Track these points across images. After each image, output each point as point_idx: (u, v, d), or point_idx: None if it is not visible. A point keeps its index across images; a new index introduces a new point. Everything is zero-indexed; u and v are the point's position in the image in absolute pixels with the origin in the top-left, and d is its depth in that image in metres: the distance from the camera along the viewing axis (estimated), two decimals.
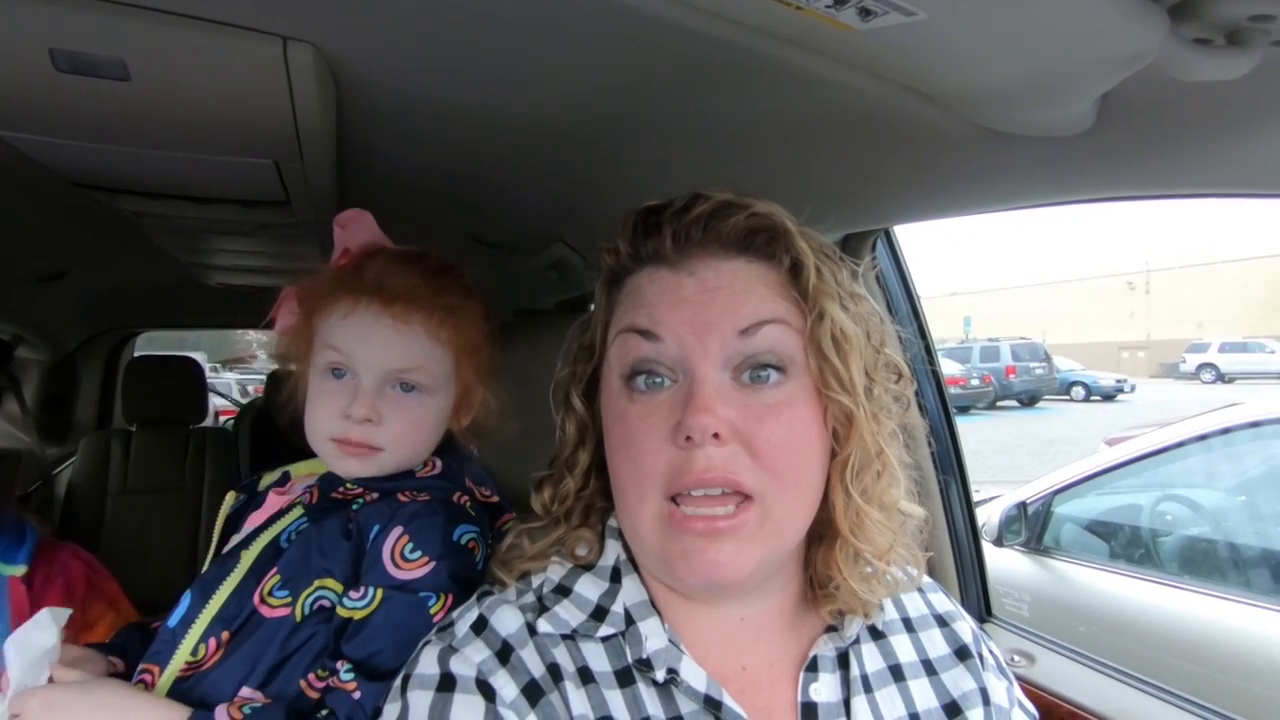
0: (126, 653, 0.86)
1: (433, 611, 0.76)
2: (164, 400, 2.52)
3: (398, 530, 0.78)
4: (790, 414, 0.57)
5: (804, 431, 0.58)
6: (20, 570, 1.07)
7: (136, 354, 3.26)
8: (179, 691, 0.76)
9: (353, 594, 0.77)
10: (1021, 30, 0.56)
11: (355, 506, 0.83)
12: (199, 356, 2.72)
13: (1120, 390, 18.36)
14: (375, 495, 0.85)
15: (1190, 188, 0.76)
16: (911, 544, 0.65)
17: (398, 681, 0.59)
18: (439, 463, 0.90)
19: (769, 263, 0.60)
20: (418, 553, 0.78)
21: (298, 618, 0.77)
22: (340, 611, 0.77)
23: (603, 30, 0.71)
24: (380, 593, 0.76)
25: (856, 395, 0.58)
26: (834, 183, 0.99)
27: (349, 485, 0.86)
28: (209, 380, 2.71)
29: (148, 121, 0.96)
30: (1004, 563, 2.49)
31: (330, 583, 0.78)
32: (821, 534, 0.63)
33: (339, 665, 0.73)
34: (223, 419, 4.76)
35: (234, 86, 0.86)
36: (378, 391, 0.84)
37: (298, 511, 0.86)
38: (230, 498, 0.95)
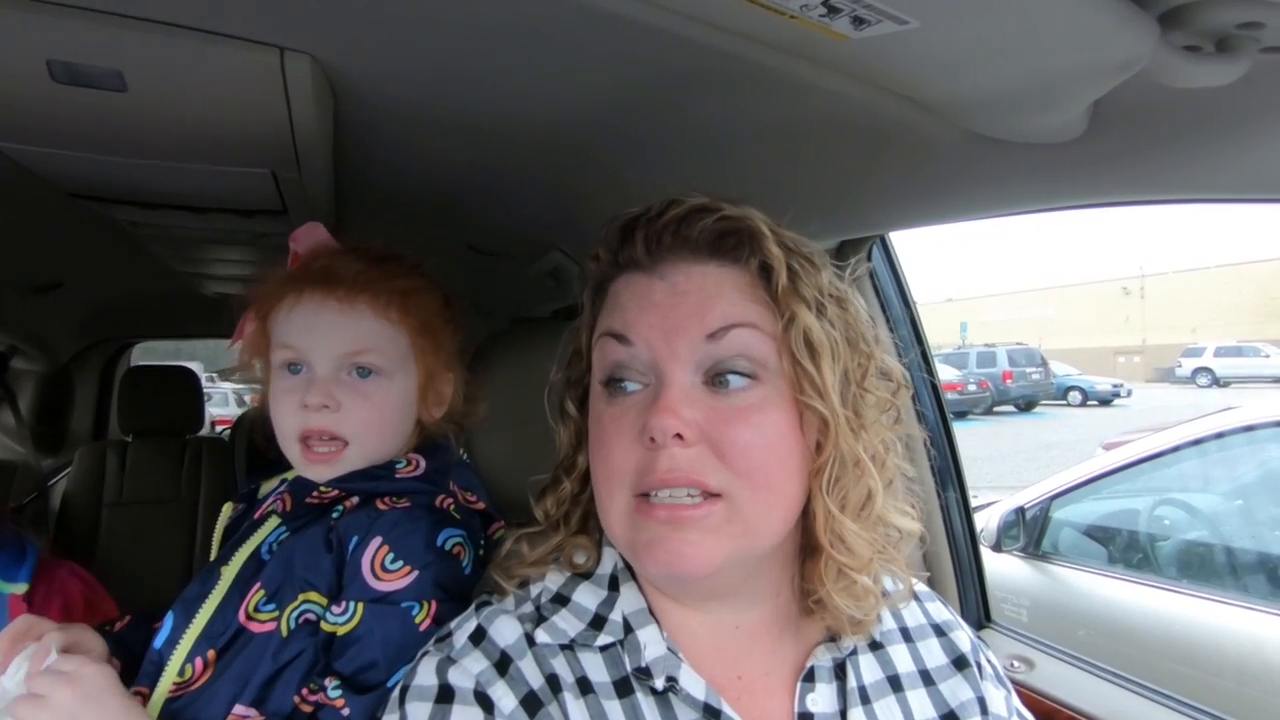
0: (131, 649, 0.84)
1: (417, 620, 0.74)
2: (160, 410, 2.50)
3: (377, 541, 0.77)
4: (760, 417, 0.56)
5: (775, 435, 0.57)
6: (22, 588, 1.05)
7: (133, 364, 3.25)
8: (171, 712, 0.74)
9: (334, 609, 0.75)
10: (1013, 38, 0.57)
11: (335, 515, 0.81)
12: (195, 366, 2.71)
13: (1116, 395, 18.42)
14: (354, 501, 0.83)
15: (1182, 193, 0.77)
16: (899, 557, 0.63)
17: (396, 692, 0.58)
18: (422, 462, 0.88)
19: (739, 265, 0.60)
20: (399, 563, 0.76)
21: (284, 632, 0.76)
22: (324, 626, 0.76)
23: (597, 39, 0.71)
24: (361, 607, 0.74)
25: (831, 402, 0.57)
26: (828, 189, 0.99)
27: (323, 489, 0.83)
28: (205, 390, 2.70)
29: (144, 132, 0.96)
30: (1002, 568, 2.49)
31: (314, 596, 0.77)
32: (809, 546, 0.62)
33: (327, 682, 0.72)
34: (219, 429, 4.75)
35: (231, 96, 0.86)
36: (333, 378, 0.83)
37: (274, 521, 0.84)
38: (228, 509, 0.93)
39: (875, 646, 0.65)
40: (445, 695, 0.55)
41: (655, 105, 0.87)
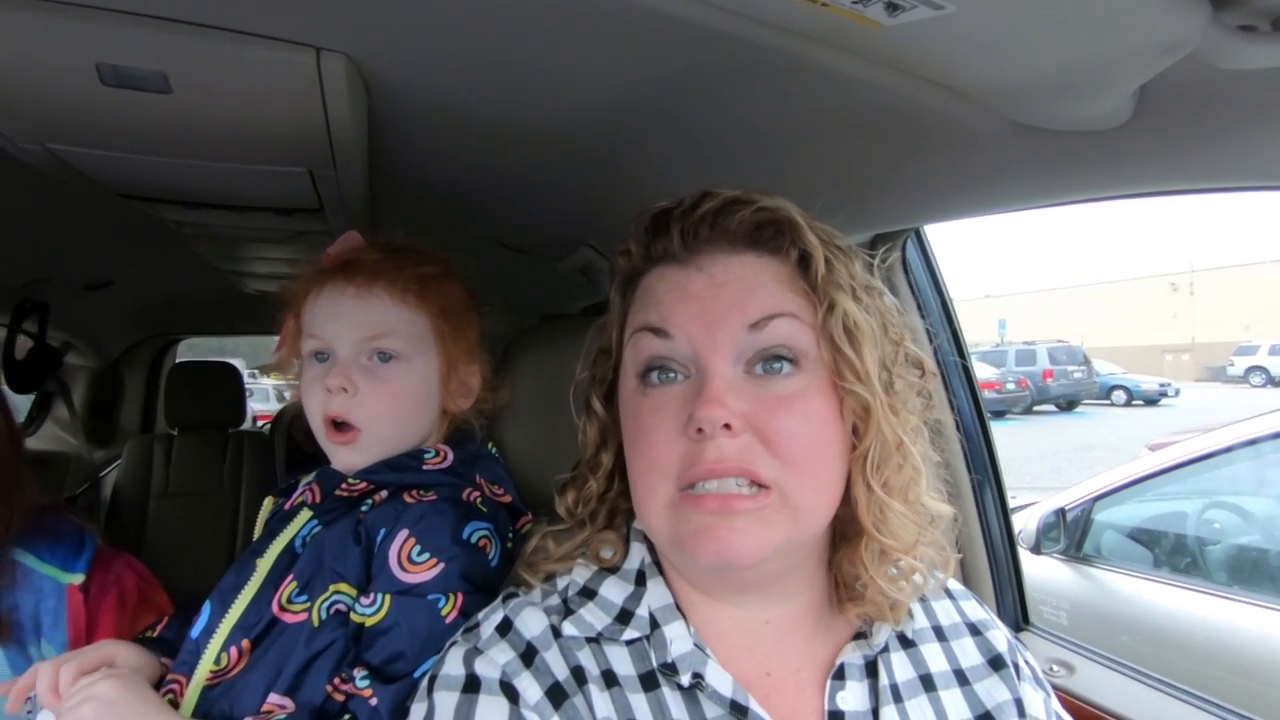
0: (176, 648, 0.87)
1: (444, 613, 0.75)
2: (204, 405, 2.58)
3: (404, 533, 0.78)
4: (804, 405, 0.56)
5: (819, 421, 0.57)
6: (79, 579, 1.07)
7: (178, 360, 3.35)
8: (208, 700, 0.77)
9: (363, 600, 0.77)
10: (1055, 21, 0.55)
11: (365, 508, 0.83)
12: (237, 363, 2.78)
13: (1163, 394, 17.76)
14: (384, 495, 0.84)
15: (1234, 181, 0.73)
16: (940, 541, 0.63)
17: (424, 682, 0.59)
18: (450, 455, 0.89)
19: (777, 256, 0.60)
20: (425, 555, 0.77)
21: (315, 623, 0.78)
22: (353, 617, 0.77)
23: (629, 32, 0.71)
24: (389, 599, 0.76)
25: (872, 386, 0.57)
26: (861, 182, 0.98)
27: (351, 481, 0.85)
28: (246, 385, 2.77)
29: (188, 132, 0.99)
30: (1041, 570, 2.43)
31: (344, 587, 0.79)
32: (845, 532, 0.62)
33: (356, 672, 0.73)
34: (260, 423, 4.88)
35: (269, 96, 0.89)
36: (353, 362, 0.85)
37: (306, 514, 0.86)
38: (269, 503, 0.96)
39: (908, 644, 0.64)
40: (472, 685, 0.56)
41: (685, 99, 0.86)
